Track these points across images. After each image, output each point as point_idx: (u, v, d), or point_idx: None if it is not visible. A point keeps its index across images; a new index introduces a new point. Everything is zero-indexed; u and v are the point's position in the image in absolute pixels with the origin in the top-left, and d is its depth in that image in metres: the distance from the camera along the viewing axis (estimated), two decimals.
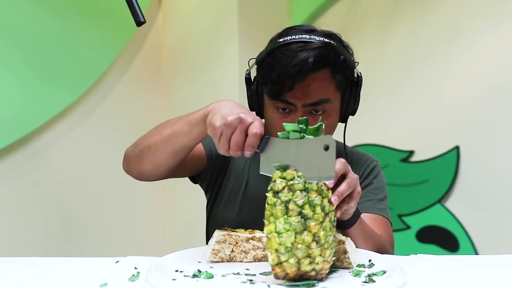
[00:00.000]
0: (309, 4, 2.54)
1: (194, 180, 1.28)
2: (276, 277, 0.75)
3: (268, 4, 2.50)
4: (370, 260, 0.87)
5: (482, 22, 2.02)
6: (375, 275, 0.78)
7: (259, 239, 0.89)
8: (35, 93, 2.02)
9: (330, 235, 0.76)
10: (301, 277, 0.74)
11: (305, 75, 1.05)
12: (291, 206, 0.73)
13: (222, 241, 0.89)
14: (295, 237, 0.72)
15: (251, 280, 0.77)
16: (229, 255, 0.89)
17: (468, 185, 2.03)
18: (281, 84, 1.07)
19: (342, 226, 0.92)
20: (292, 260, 0.73)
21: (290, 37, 1.09)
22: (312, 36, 1.09)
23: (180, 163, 1.09)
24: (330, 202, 0.77)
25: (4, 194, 1.97)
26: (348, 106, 1.16)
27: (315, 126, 0.77)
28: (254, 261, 0.89)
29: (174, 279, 0.77)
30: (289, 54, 1.06)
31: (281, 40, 1.10)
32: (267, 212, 0.76)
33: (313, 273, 0.74)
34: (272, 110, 1.13)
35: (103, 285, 0.74)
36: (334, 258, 0.78)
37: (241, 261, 0.89)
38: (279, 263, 0.74)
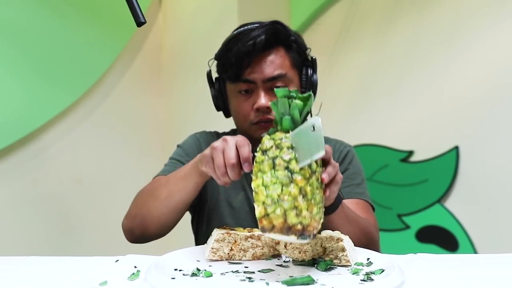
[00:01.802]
0: (309, 4, 2.54)
1: None
2: (263, 229, 0.74)
3: (268, 4, 2.51)
4: (368, 259, 0.87)
5: (482, 22, 2.02)
6: (374, 273, 0.79)
7: (258, 238, 0.89)
8: (35, 93, 2.02)
9: (317, 193, 0.77)
10: (288, 230, 0.73)
11: (260, 50, 1.13)
12: (278, 161, 0.75)
13: (221, 240, 0.89)
14: (282, 189, 0.73)
15: (250, 278, 0.77)
16: (228, 253, 0.89)
17: (468, 185, 2.04)
18: (239, 64, 1.14)
19: (325, 212, 0.93)
20: (278, 211, 0.73)
21: (243, 28, 1.18)
22: (261, 23, 1.18)
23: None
24: (321, 179, 0.79)
25: (4, 194, 1.97)
26: (307, 87, 1.22)
27: (305, 94, 0.79)
28: (253, 259, 0.90)
29: (173, 278, 0.77)
30: (242, 36, 1.15)
31: (235, 32, 1.20)
32: (255, 169, 0.77)
33: (299, 227, 0.73)
34: (236, 95, 1.19)
35: (103, 284, 0.74)
36: (322, 220, 0.79)
37: (240, 260, 0.89)
38: (266, 215, 0.74)
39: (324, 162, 0.83)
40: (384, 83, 2.31)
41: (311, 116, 0.80)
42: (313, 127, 0.75)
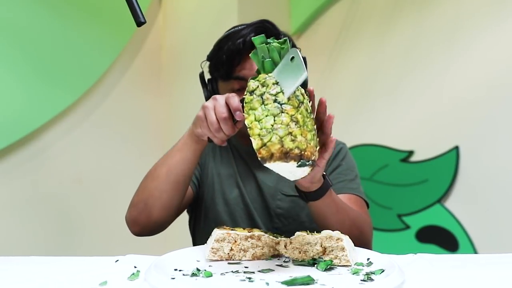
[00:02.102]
0: (309, 4, 2.54)
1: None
2: (263, 160, 0.77)
3: (268, 4, 2.51)
4: (368, 259, 0.87)
5: (482, 22, 2.02)
6: (374, 273, 0.79)
7: (258, 238, 0.89)
8: (35, 93, 2.02)
9: (308, 121, 0.80)
10: (287, 155, 0.75)
11: (249, 47, 1.13)
12: (266, 96, 0.79)
13: (221, 240, 0.89)
14: (274, 120, 0.77)
15: (249, 278, 0.77)
16: (228, 253, 0.89)
17: (468, 185, 2.03)
18: (230, 62, 1.16)
19: (311, 197, 0.95)
20: (274, 138, 0.76)
21: (233, 29, 1.22)
22: (250, 23, 1.21)
23: (181, 210, 1.16)
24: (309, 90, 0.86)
25: (4, 194, 1.97)
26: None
27: (280, 40, 0.82)
28: (253, 259, 0.90)
29: (173, 278, 0.77)
30: (232, 35, 1.18)
31: (225, 33, 1.23)
32: (246, 109, 0.81)
33: (297, 151, 0.76)
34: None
35: (103, 284, 0.74)
36: (318, 148, 0.82)
37: (240, 260, 0.89)
38: (264, 145, 0.77)
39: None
40: (384, 83, 2.31)
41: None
42: (292, 58, 0.79)
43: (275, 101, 0.78)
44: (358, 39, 2.41)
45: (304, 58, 1.26)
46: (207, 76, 1.28)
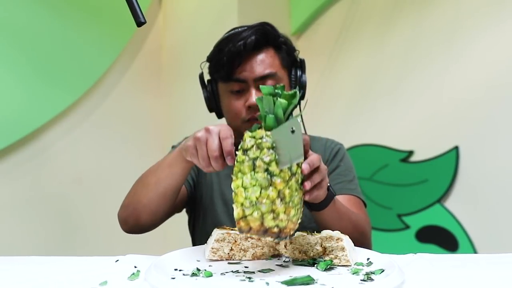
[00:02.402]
0: (309, 4, 2.54)
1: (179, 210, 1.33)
2: (241, 231, 0.76)
3: (268, 4, 2.51)
4: (368, 259, 0.87)
5: (482, 22, 2.02)
6: (373, 273, 0.79)
7: (258, 238, 0.89)
8: (35, 93, 2.02)
9: (296, 195, 0.77)
10: (265, 232, 0.75)
11: (250, 50, 1.16)
12: (258, 162, 0.76)
13: (221, 240, 0.89)
14: (260, 192, 0.75)
15: (250, 278, 0.77)
16: (228, 253, 0.89)
17: (468, 185, 2.04)
18: (230, 64, 1.16)
19: (316, 208, 0.95)
20: (256, 214, 0.74)
21: (234, 30, 1.22)
22: (250, 25, 1.21)
23: (174, 209, 1.16)
24: (303, 185, 0.80)
25: (4, 194, 1.97)
26: (297, 87, 1.24)
27: (290, 92, 0.79)
28: (253, 259, 0.90)
29: (173, 278, 0.77)
30: (232, 37, 1.18)
31: (226, 34, 1.23)
32: (235, 169, 0.78)
33: (276, 230, 0.75)
34: (228, 95, 1.21)
35: (103, 284, 0.74)
36: (300, 221, 0.80)
37: (240, 259, 0.89)
38: (244, 217, 0.75)
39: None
40: (384, 83, 2.31)
41: (300, 110, 0.81)
42: (293, 130, 0.76)
43: (266, 170, 0.75)
44: (358, 39, 2.42)
45: (303, 61, 1.27)
46: (207, 77, 1.28)
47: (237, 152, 0.79)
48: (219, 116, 1.29)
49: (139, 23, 0.92)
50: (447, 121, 2.09)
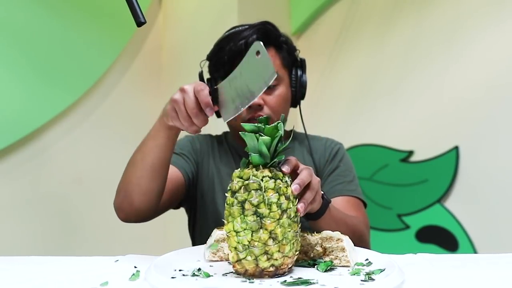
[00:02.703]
0: (309, 4, 2.54)
1: (176, 207, 1.31)
2: (237, 273, 0.78)
3: (268, 4, 2.51)
4: (368, 259, 0.87)
5: (482, 22, 2.02)
6: (374, 273, 0.79)
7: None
8: (35, 94, 2.02)
9: (289, 231, 0.77)
10: (261, 273, 0.76)
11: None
12: (246, 205, 0.76)
13: (221, 240, 0.89)
14: (252, 236, 0.75)
15: (250, 279, 0.77)
16: (228, 254, 0.89)
17: (468, 185, 2.04)
18: (231, 63, 1.15)
19: (311, 217, 0.95)
20: (250, 257, 0.76)
21: (234, 29, 1.22)
22: (251, 24, 1.20)
23: (170, 197, 1.13)
24: (297, 209, 0.80)
25: (4, 194, 1.97)
26: (297, 86, 1.24)
27: (272, 125, 0.77)
28: None
29: (174, 278, 0.77)
30: (233, 36, 1.18)
31: (226, 33, 1.22)
32: (226, 212, 0.78)
33: (272, 269, 0.76)
34: None
35: (104, 284, 0.74)
36: (297, 253, 0.80)
37: None
38: (238, 260, 0.77)
39: (294, 173, 0.84)
40: (384, 83, 2.31)
41: (300, 111, 0.81)
42: (258, 52, 0.77)
43: (255, 212, 0.75)
44: (358, 39, 2.41)
45: (303, 60, 1.26)
46: (206, 75, 1.28)
47: (226, 194, 0.79)
48: (218, 115, 1.27)
49: (139, 23, 0.92)
50: (447, 121, 2.09)
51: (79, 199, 2.21)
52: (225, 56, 1.17)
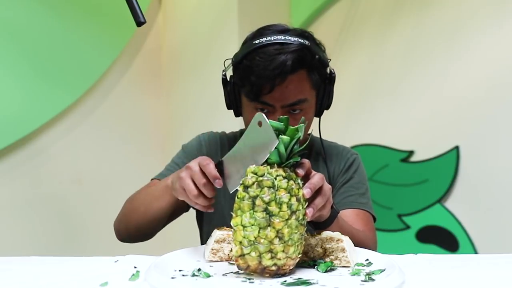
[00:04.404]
0: (309, 4, 2.54)
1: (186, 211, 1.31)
2: (239, 268, 0.78)
3: (268, 4, 2.51)
4: (367, 259, 0.87)
5: (482, 22, 2.02)
6: (374, 273, 0.79)
7: None
8: (35, 94, 2.02)
9: (295, 232, 0.77)
10: (263, 270, 0.76)
11: (284, 78, 1.08)
12: (257, 201, 0.76)
13: (221, 241, 0.89)
14: (259, 232, 0.75)
15: (250, 279, 0.77)
16: (228, 254, 0.89)
17: (468, 185, 2.03)
18: (260, 87, 1.09)
19: (319, 226, 0.94)
20: (253, 254, 0.75)
21: (265, 39, 1.10)
22: (287, 37, 1.10)
23: (170, 217, 1.16)
24: (305, 213, 0.80)
25: (4, 194, 1.97)
26: (323, 102, 1.19)
27: (294, 127, 0.78)
28: None
29: (174, 278, 0.77)
30: (266, 57, 1.08)
31: (256, 42, 1.11)
32: (235, 205, 0.78)
33: (274, 268, 0.76)
34: (251, 110, 1.15)
35: (104, 285, 0.74)
36: (300, 255, 0.80)
37: None
38: (242, 255, 0.77)
39: (306, 176, 0.83)
40: (384, 83, 2.31)
41: (319, 123, 0.80)
42: (260, 122, 0.77)
43: (265, 209, 0.75)
44: (358, 39, 2.41)
45: (334, 76, 1.18)
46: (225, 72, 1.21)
47: (238, 188, 0.79)
48: (237, 115, 1.22)
49: (139, 23, 0.91)
50: (448, 121, 2.08)
51: (79, 199, 2.21)
52: (253, 77, 1.08)
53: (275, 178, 0.77)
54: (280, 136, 0.77)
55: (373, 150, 2.30)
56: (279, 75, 1.07)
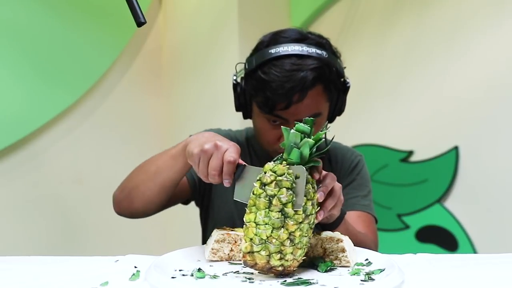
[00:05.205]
0: (309, 4, 2.54)
1: (185, 203, 1.30)
2: (245, 264, 0.77)
3: (268, 4, 2.51)
4: (367, 259, 0.87)
5: (482, 22, 2.02)
6: (374, 273, 0.79)
7: None
8: (35, 94, 2.02)
9: (305, 236, 0.78)
10: (269, 270, 0.76)
11: (302, 98, 1.06)
12: (274, 201, 0.75)
13: (221, 240, 0.89)
14: (272, 232, 0.75)
15: (250, 279, 0.77)
16: (228, 254, 0.89)
17: (467, 185, 2.04)
18: (275, 103, 1.06)
19: (327, 227, 0.94)
20: (263, 252, 0.75)
21: (281, 49, 1.07)
22: (303, 48, 1.08)
23: (169, 200, 1.11)
24: (316, 216, 0.80)
25: (4, 194, 1.97)
26: (336, 110, 1.18)
27: (321, 132, 0.78)
28: None
29: (174, 278, 0.77)
30: (283, 72, 1.05)
31: (272, 51, 1.07)
32: (250, 201, 0.77)
33: (280, 268, 0.76)
34: (262, 120, 1.13)
35: (104, 284, 0.74)
36: (304, 258, 0.80)
37: (240, 260, 0.89)
38: (251, 252, 0.76)
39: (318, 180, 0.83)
40: (384, 83, 2.31)
41: (326, 127, 0.80)
42: (297, 176, 0.76)
43: (281, 210, 0.75)
44: (358, 39, 2.41)
45: (348, 87, 1.18)
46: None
47: (254, 184, 0.78)
48: (246, 117, 1.20)
49: (139, 23, 0.91)
50: (447, 121, 2.09)
51: (79, 199, 2.21)
52: (268, 91, 1.05)
53: (293, 180, 0.76)
54: (306, 138, 0.77)
55: (373, 150, 2.30)
56: (296, 93, 1.04)
